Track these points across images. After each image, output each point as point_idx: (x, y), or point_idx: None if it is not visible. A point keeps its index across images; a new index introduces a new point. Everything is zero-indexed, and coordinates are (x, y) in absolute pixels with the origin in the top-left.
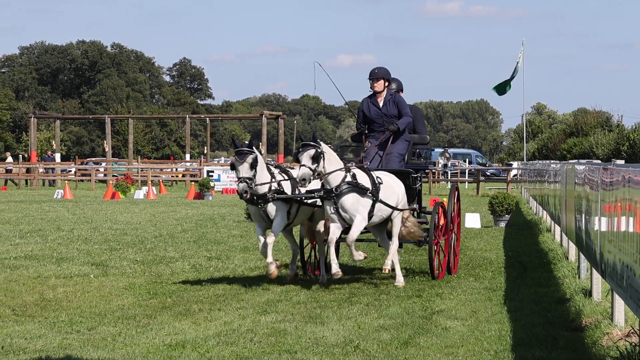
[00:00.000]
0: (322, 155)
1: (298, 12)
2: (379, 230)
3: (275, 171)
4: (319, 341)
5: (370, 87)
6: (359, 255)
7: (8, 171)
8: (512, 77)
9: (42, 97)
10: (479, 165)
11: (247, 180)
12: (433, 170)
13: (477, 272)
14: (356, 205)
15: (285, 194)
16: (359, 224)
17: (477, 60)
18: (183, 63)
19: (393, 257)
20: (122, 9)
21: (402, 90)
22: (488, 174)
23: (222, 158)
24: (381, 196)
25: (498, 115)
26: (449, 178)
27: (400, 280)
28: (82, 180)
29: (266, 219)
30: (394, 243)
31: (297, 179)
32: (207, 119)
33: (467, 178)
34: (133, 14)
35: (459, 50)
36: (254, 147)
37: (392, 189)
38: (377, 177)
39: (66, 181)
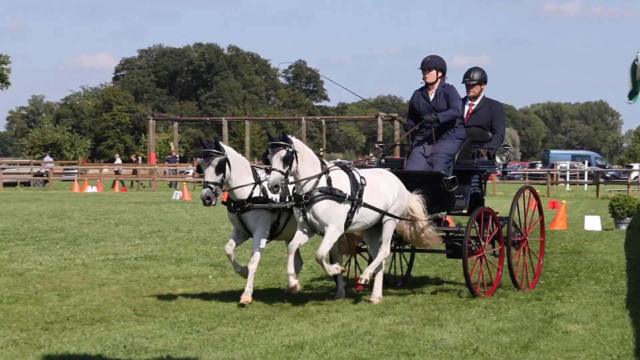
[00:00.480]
0: (294, 156)
1: (413, 12)
2: (371, 236)
3: (262, 174)
4: (437, 344)
5: (422, 79)
6: (333, 269)
7: (117, 172)
8: (638, 81)
9: (160, 99)
10: (598, 167)
11: (212, 186)
12: (552, 172)
13: (598, 275)
14: (329, 213)
15: (269, 200)
16: (330, 236)
17: (596, 61)
18: (298, 65)
19: (374, 268)
20: (238, 11)
21: (485, 82)
22: (608, 175)
23: (338, 159)
24: (365, 200)
25: (618, 117)
26: (568, 180)
27: (377, 295)
28: (199, 182)
29: (243, 228)
30: (383, 250)
31: (268, 186)
32: (323, 120)
33: (586, 180)
34: (249, 16)
35: (578, 50)
36: (224, 148)
37: (378, 190)
38: (362, 177)
39: (184, 182)
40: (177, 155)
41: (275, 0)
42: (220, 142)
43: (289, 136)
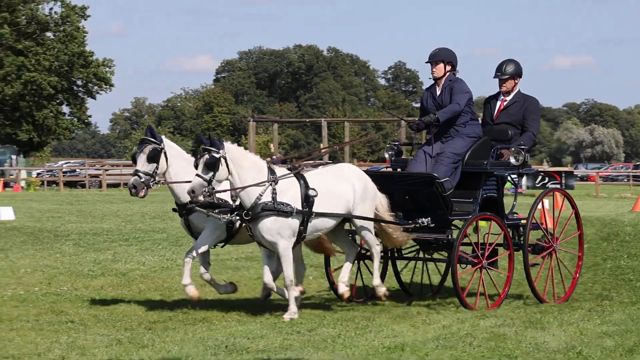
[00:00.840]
0: (221, 162)
1: (513, 12)
2: (335, 234)
3: None
4: (540, 346)
5: (430, 73)
6: (294, 294)
7: None
8: None
9: (260, 100)
10: None
11: (141, 174)
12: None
13: None
14: (274, 232)
15: (224, 206)
16: (285, 256)
17: None
18: (398, 66)
19: (378, 274)
20: (337, 13)
21: (519, 76)
22: None
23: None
24: (319, 207)
25: None
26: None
27: (381, 290)
28: None
29: (192, 233)
30: (375, 252)
31: (187, 190)
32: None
33: None
34: (348, 18)
35: None
36: (162, 137)
37: (334, 193)
38: (312, 188)
39: None
40: (279, 158)
41: (374, 0)
42: (160, 135)
43: (224, 141)
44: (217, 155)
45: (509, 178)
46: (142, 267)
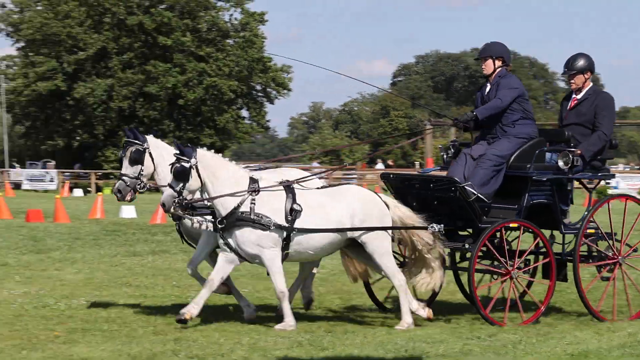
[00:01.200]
0: (192, 170)
1: None
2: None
3: None
4: None
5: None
6: (289, 316)
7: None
8: None
9: (437, 104)
10: None
11: (125, 178)
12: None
13: None
14: (253, 242)
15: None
16: (272, 265)
17: None
18: None
19: (407, 310)
20: (515, 15)
21: (591, 71)
22: None
23: (620, 165)
24: (301, 224)
25: None
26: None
27: (407, 320)
28: None
29: (189, 240)
30: (396, 281)
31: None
32: None
33: None
34: (526, 20)
35: None
36: (147, 138)
37: (324, 209)
38: (298, 204)
39: None
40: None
41: (553, 1)
42: (143, 133)
43: (196, 148)
44: (186, 165)
45: (582, 183)
46: (322, 270)
